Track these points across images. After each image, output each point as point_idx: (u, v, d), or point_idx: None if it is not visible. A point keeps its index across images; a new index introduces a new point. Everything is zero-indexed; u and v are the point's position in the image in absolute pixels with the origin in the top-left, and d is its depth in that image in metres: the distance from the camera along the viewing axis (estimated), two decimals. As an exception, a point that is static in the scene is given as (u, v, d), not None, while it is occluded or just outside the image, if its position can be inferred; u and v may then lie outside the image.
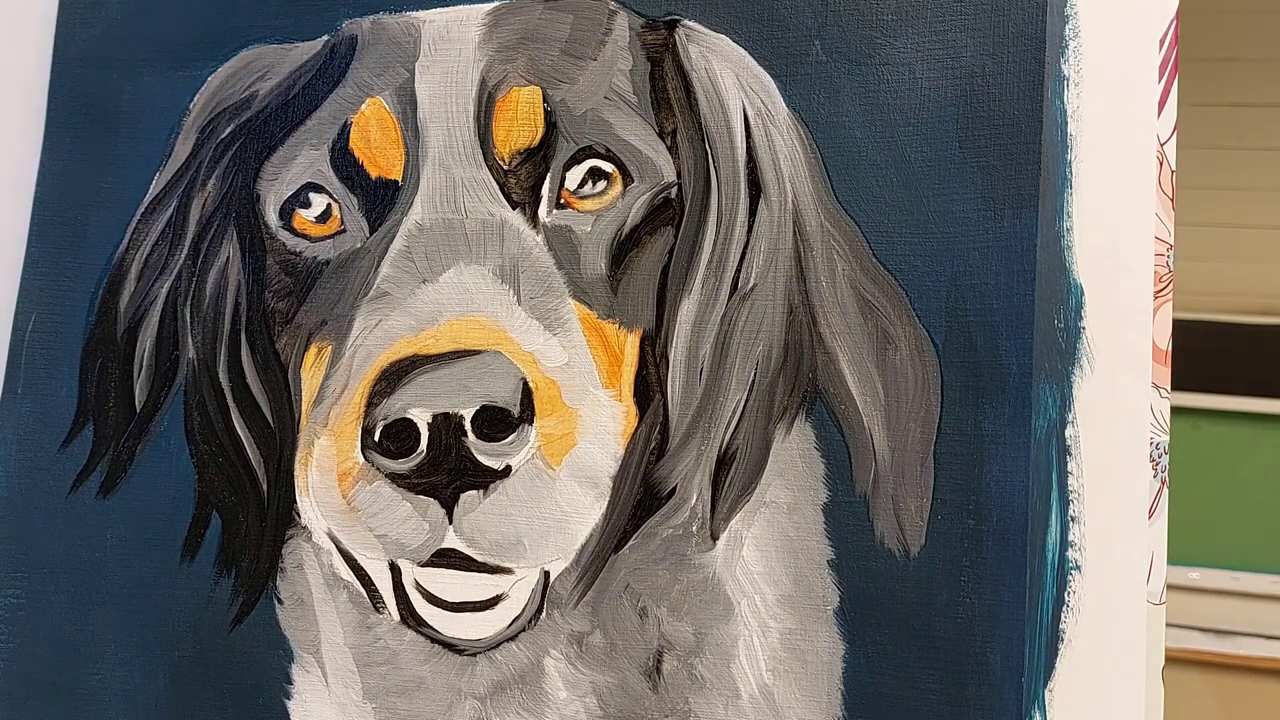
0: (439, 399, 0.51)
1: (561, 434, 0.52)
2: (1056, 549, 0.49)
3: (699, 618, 0.52)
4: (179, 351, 0.59)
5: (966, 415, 0.49)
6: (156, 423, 0.59)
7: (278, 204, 0.58)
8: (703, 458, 0.52)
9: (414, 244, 0.55)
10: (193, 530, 0.58)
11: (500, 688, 0.53)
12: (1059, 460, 0.49)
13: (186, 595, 0.57)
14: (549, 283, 0.54)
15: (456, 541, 0.52)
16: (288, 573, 0.56)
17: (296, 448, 0.56)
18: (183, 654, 0.57)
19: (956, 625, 0.48)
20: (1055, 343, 0.50)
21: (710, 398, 0.53)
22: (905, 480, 0.50)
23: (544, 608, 0.53)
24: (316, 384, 0.56)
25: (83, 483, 0.60)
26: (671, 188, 0.54)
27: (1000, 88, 0.51)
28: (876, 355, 0.51)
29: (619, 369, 0.54)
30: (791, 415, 0.52)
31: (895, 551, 0.49)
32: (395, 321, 0.54)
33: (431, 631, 0.53)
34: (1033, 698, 0.47)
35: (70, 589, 0.59)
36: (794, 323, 0.52)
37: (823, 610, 0.50)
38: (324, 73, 0.59)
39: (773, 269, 0.53)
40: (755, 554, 0.52)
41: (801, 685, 0.50)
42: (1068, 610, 0.49)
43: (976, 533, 0.48)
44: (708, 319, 0.53)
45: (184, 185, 0.61)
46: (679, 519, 0.52)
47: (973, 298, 0.50)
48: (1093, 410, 0.50)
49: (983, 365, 0.49)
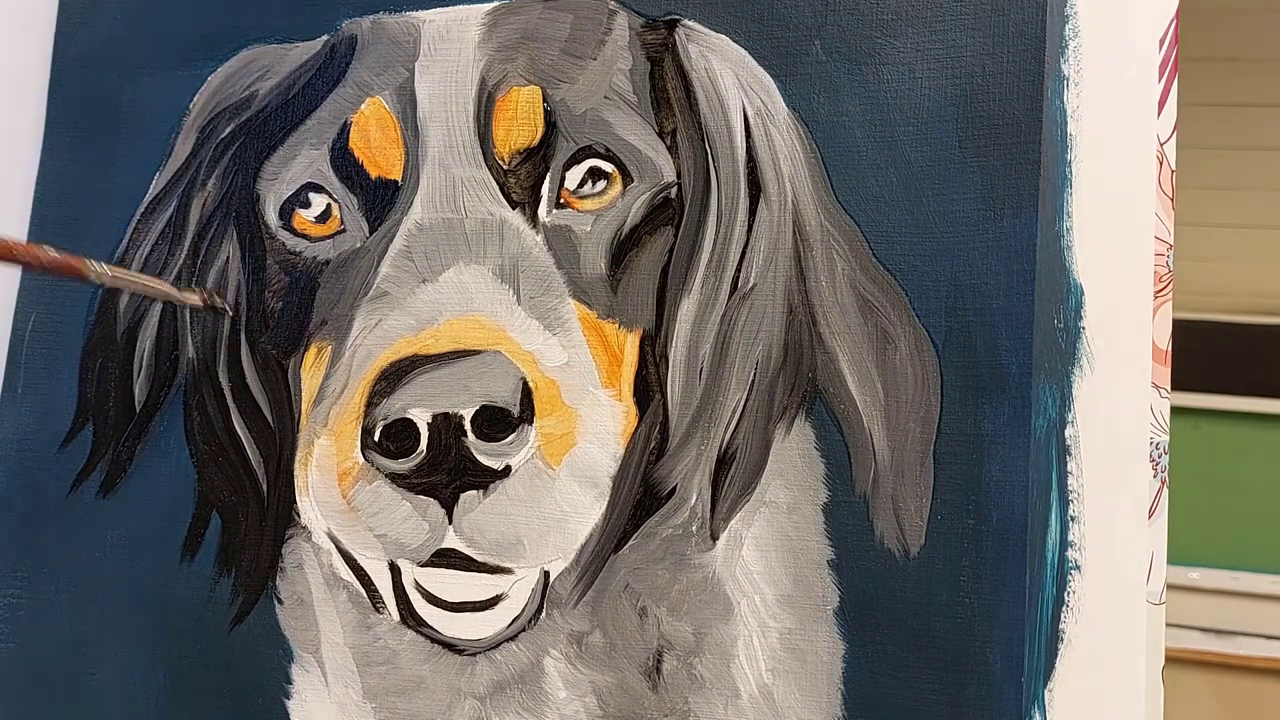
0: (439, 399, 0.51)
1: (561, 434, 0.52)
2: (1056, 549, 0.49)
3: (699, 617, 0.52)
4: (178, 351, 0.59)
5: (966, 415, 0.49)
6: (156, 423, 0.59)
7: (277, 204, 0.58)
8: (702, 457, 0.52)
9: (414, 243, 0.55)
10: (192, 530, 0.58)
11: (500, 687, 0.53)
12: (1059, 460, 0.49)
13: (186, 595, 0.57)
14: (549, 282, 0.54)
15: (456, 541, 0.52)
16: (288, 572, 0.56)
17: (296, 448, 0.56)
18: (183, 653, 0.57)
19: (956, 625, 0.48)
20: (1055, 342, 0.50)
21: (710, 397, 0.53)
22: (905, 480, 0.50)
23: (544, 607, 0.53)
24: (316, 384, 0.56)
25: (83, 482, 0.60)
26: (671, 187, 0.54)
27: (1000, 87, 0.51)
28: (876, 355, 0.51)
29: (619, 369, 0.54)
30: (791, 415, 0.52)
31: (895, 551, 0.49)
32: (395, 321, 0.54)
33: (431, 631, 0.53)
34: (1032, 697, 0.47)
35: (70, 588, 0.59)
36: (794, 322, 0.52)
37: (822, 610, 0.50)
38: (324, 72, 0.59)
39: (772, 269, 0.53)
40: (755, 554, 0.52)
41: (801, 685, 0.50)
42: (1067, 610, 0.49)
43: (976, 532, 0.48)
44: (707, 319, 0.53)
45: (184, 185, 0.61)
46: (679, 519, 0.52)
47: (972, 297, 0.50)
48: (1093, 410, 0.50)
49: (982, 365, 0.49)
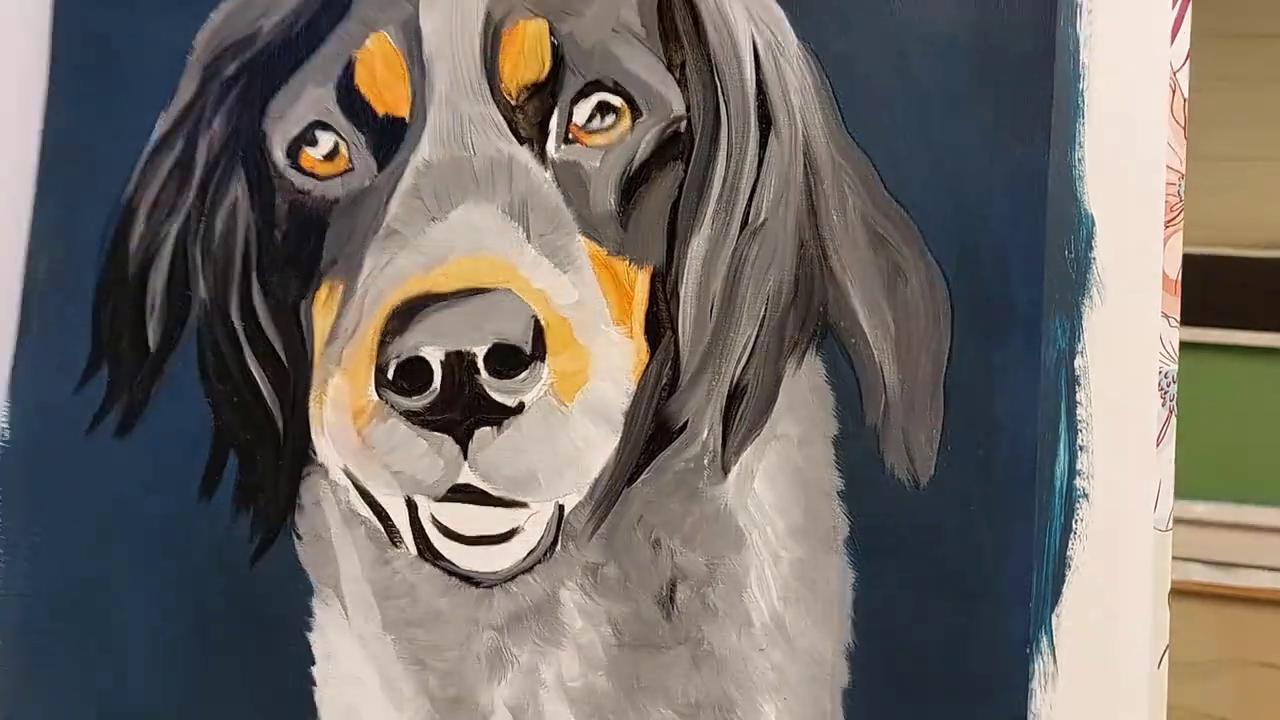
0: (451, 337, 0.51)
1: (574, 371, 0.53)
2: (1065, 478, 0.49)
3: (711, 549, 0.53)
4: (190, 292, 0.59)
5: (977, 347, 0.49)
6: (171, 363, 0.59)
7: (284, 143, 0.58)
8: (714, 393, 0.53)
9: (422, 182, 0.55)
10: (210, 469, 0.58)
11: (517, 618, 0.54)
12: (1068, 390, 0.49)
13: (207, 532, 0.58)
14: (558, 219, 0.54)
15: (472, 477, 0.52)
16: (305, 509, 0.57)
17: (311, 387, 0.57)
18: (204, 590, 0.58)
19: (965, 553, 0.49)
20: (1066, 273, 0.50)
21: (721, 333, 0.53)
22: (915, 412, 0.50)
23: (559, 540, 0.53)
24: (329, 323, 0.56)
25: (100, 423, 0.60)
26: (681, 121, 0.54)
27: (1013, 16, 0.50)
28: (887, 288, 0.51)
29: (629, 306, 0.54)
30: (802, 349, 0.52)
31: (905, 482, 0.50)
32: (405, 260, 0.54)
33: (448, 565, 0.54)
34: (1040, 623, 0.48)
35: (91, 528, 0.60)
36: (805, 257, 0.52)
37: (833, 540, 0.51)
38: (327, 8, 0.58)
39: (783, 203, 0.53)
40: (766, 486, 0.52)
41: (812, 613, 0.51)
42: (1075, 538, 0.49)
43: (986, 463, 0.49)
44: (718, 254, 0.53)
45: (190, 125, 0.60)
46: (691, 453, 0.53)
47: (983, 229, 0.50)
48: (1102, 340, 0.50)
49: (993, 297, 0.49)
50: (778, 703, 0.51)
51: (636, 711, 0.52)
